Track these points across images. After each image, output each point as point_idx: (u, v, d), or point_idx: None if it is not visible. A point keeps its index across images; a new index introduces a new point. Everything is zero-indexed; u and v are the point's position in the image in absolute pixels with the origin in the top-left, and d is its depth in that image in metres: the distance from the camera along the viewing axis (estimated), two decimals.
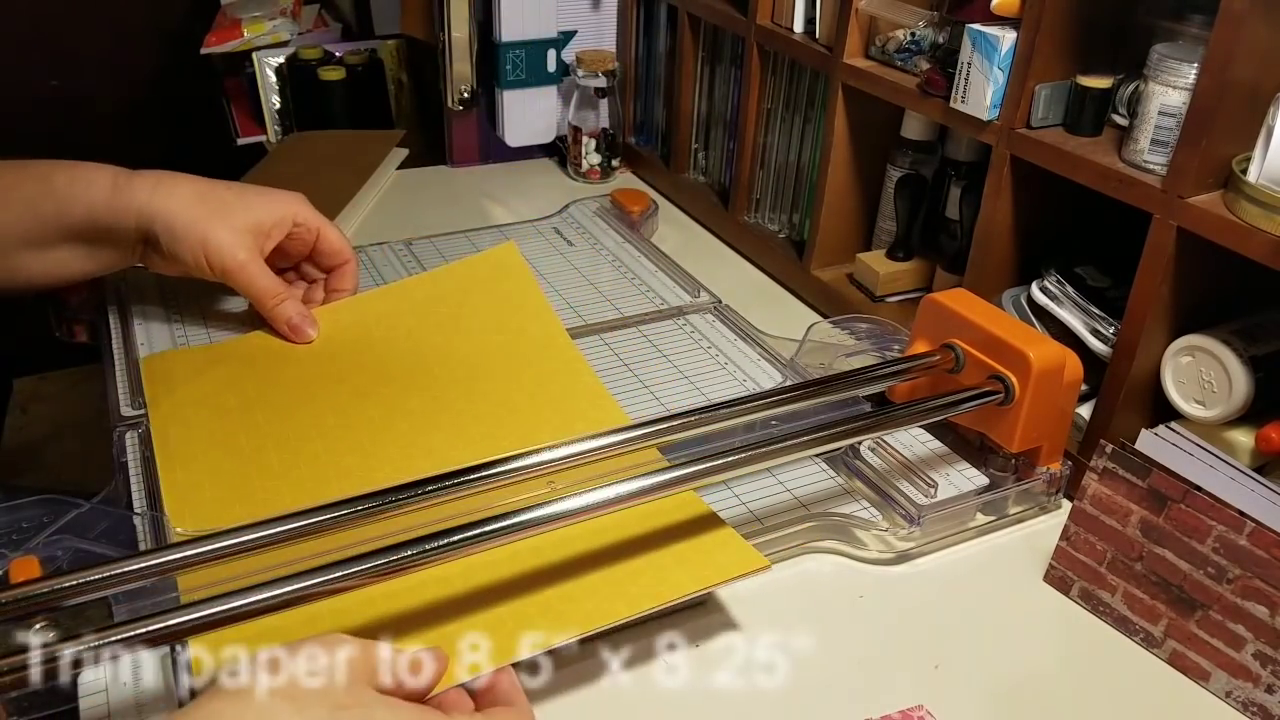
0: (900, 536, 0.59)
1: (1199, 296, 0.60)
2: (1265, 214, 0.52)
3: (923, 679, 0.52)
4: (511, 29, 1.04)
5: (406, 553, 0.44)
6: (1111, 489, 0.55)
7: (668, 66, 1.07)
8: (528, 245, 0.92)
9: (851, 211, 0.88)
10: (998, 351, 0.60)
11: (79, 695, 0.46)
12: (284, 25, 1.22)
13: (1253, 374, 0.57)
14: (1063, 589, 0.58)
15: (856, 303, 0.84)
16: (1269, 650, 0.49)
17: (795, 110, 0.91)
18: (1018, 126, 0.66)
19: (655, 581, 0.51)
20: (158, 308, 0.77)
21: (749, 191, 0.97)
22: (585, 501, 0.47)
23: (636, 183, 1.13)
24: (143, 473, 0.59)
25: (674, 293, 0.84)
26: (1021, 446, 0.61)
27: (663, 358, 0.75)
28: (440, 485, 0.50)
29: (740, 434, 0.64)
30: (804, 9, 0.84)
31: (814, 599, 0.56)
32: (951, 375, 0.63)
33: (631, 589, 0.50)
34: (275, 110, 1.23)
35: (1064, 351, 0.59)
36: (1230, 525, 0.50)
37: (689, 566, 0.52)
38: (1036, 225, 0.71)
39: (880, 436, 0.64)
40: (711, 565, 0.52)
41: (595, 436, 0.54)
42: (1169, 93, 0.58)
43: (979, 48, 0.66)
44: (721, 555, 0.53)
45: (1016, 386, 0.58)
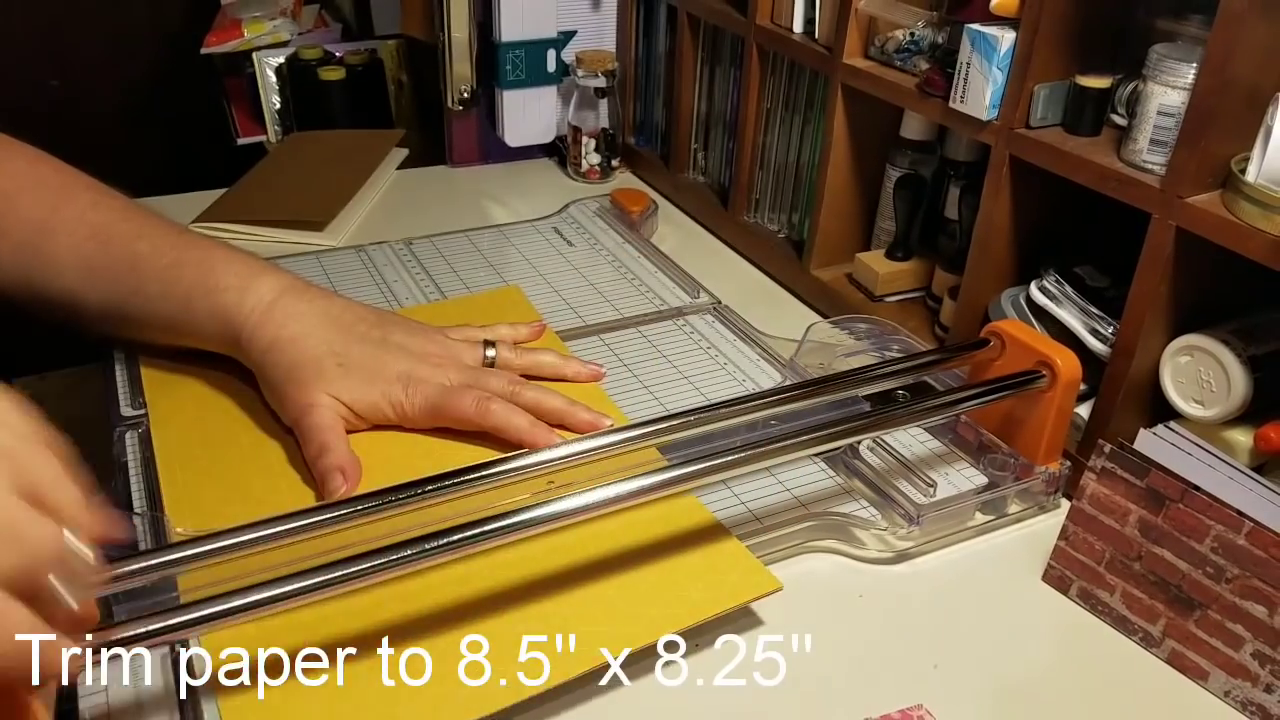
0: (899, 536, 0.59)
1: (1198, 296, 0.60)
2: (1264, 214, 0.52)
3: (922, 678, 0.52)
4: (511, 29, 1.04)
5: (406, 553, 0.44)
6: (1110, 489, 0.55)
7: (667, 66, 1.07)
8: (527, 245, 0.92)
9: (851, 211, 0.88)
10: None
11: (79, 695, 0.46)
12: (284, 25, 1.23)
13: (1251, 374, 0.57)
14: (1061, 588, 0.58)
15: (856, 303, 0.84)
16: (1268, 650, 0.50)
17: (795, 110, 0.91)
18: (1017, 126, 0.66)
19: (674, 600, 0.51)
20: None
21: (748, 191, 0.97)
22: (585, 501, 0.47)
23: (636, 183, 1.13)
24: (143, 473, 0.59)
25: (673, 293, 0.85)
26: (1046, 460, 0.62)
27: (662, 358, 0.75)
28: (440, 485, 0.50)
29: (740, 434, 0.64)
30: (804, 9, 0.84)
31: (813, 599, 0.56)
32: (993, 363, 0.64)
33: (651, 610, 0.51)
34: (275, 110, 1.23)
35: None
36: (1229, 525, 0.50)
37: (704, 587, 0.52)
38: (1035, 225, 0.71)
39: (879, 436, 0.64)
40: (725, 586, 0.52)
41: (595, 436, 0.54)
42: (1168, 93, 0.58)
43: (978, 48, 0.66)
44: (734, 574, 0.53)
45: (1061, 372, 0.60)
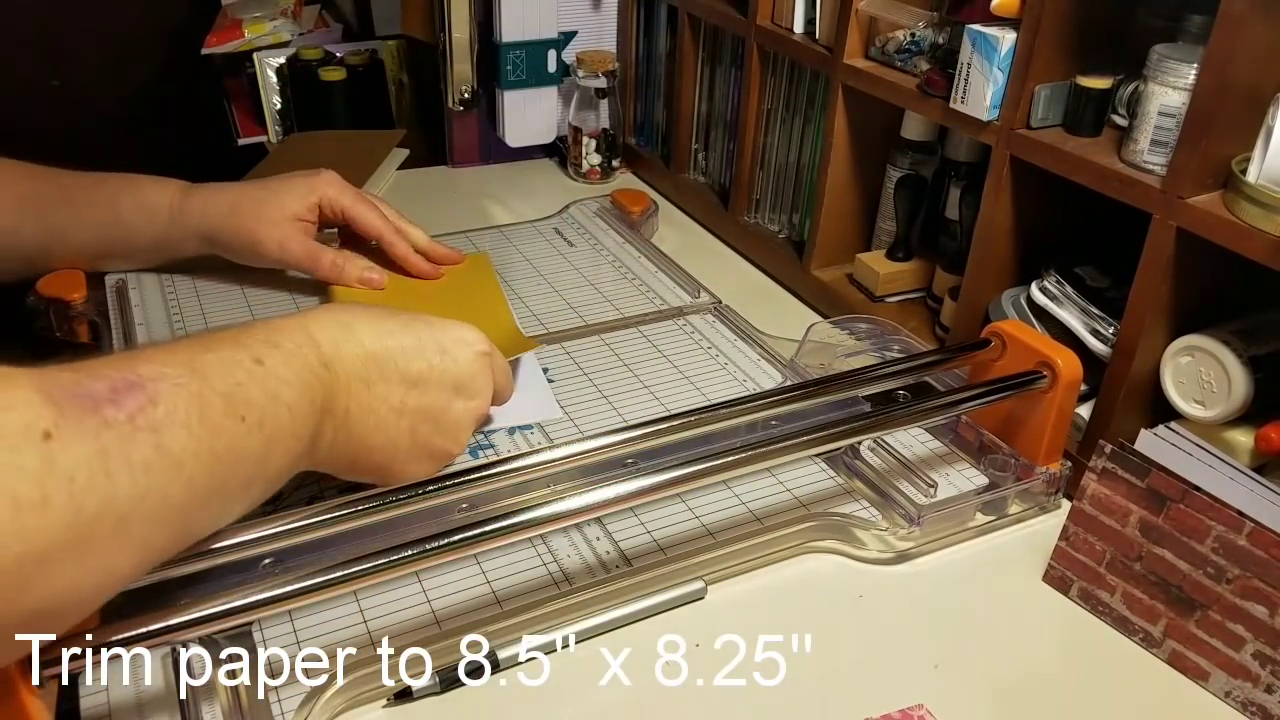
0: (900, 536, 0.59)
1: (1198, 296, 0.60)
2: (1265, 214, 0.52)
3: (922, 678, 0.52)
4: (512, 29, 1.04)
5: (407, 553, 0.44)
6: (1111, 489, 0.55)
7: (668, 67, 1.07)
8: (528, 245, 0.92)
9: (851, 212, 0.88)
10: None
11: (79, 695, 0.46)
12: (285, 26, 1.22)
13: (1252, 374, 0.57)
14: (1062, 589, 0.58)
15: (856, 303, 0.84)
16: (1268, 650, 0.50)
17: (795, 111, 0.91)
18: (1017, 127, 0.66)
19: None
20: (159, 307, 0.77)
21: (749, 192, 0.97)
22: (585, 501, 0.47)
23: (636, 183, 1.13)
24: None
25: (674, 293, 0.84)
26: (1047, 460, 0.62)
27: (663, 358, 0.75)
28: (440, 485, 0.50)
29: (741, 434, 0.64)
30: (804, 9, 0.84)
31: (814, 599, 0.56)
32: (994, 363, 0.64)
33: None
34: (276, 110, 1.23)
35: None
36: (1229, 525, 0.50)
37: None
38: (1036, 225, 0.71)
39: (880, 436, 0.64)
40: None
41: (595, 436, 0.54)
42: (1169, 93, 0.58)
43: (979, 48, 0.66)
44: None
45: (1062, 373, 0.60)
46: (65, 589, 0.35)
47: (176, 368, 0.40)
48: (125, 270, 0.80)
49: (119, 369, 0.38)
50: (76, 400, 0.35)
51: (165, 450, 0.38)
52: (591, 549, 0.56)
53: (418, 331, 0.55)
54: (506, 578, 0.54)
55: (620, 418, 0.68)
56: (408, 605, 0.52)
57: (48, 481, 0.33)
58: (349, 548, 0.50)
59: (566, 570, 0.55)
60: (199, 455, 0.39)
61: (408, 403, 0.53)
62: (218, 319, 0.76)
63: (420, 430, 0.54)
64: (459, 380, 0.56)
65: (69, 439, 0.34)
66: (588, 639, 0.52)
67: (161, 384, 0.39)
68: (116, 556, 0.37)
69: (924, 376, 0.68)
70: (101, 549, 0.36)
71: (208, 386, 0.40)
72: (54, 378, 0.36)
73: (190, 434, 0.39)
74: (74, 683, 0.46)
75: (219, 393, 0.41)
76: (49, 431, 0.34)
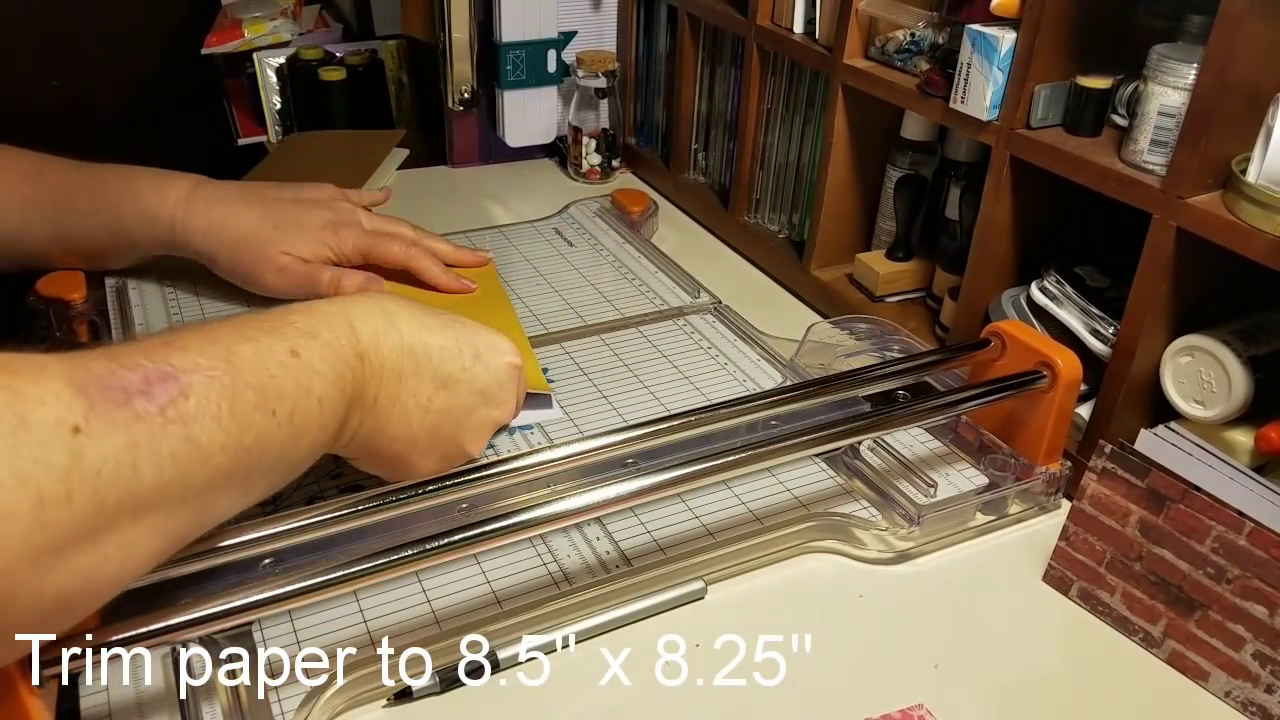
0: (900, 536, 0.59)
1: (1198, 297, 0.60)
2: (1265, 214, 0.52)
3: (922, 678, 0.52)
4: (512, 29, 1.04)
5: (407, 553, 0.44)
6: (1111, 489, 0.55)
7: (668, 67, 1.07)
8: (528, 245, 0.92)
9: (851, 212, 0.88)
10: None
11: (79, 695, 0.46)
12: (285, 26, 1.22)
13: (1252, 374, 0.57)
14: (1062, 589, 0.58)
15: (856, 303, 0.84)
16: (1268, 650, 0.50)
17: (795, 110, 0.91)
18: (1017, 127, 0.66)
19: None
20: (159, 307, 0.77)
21: (749, 192, 0.97)
22: (585, 501, 0.47)
23: (636, 183, 1.13)
24: None
25: (674, 293, 0.85)
26: (1047, 460, 0.62)
27: (663, 358, 0.75)
28: (440, 485, 0.50)
29: (740, 434, 0.64)
30: (804, 9, 0.84)
31: (814, 599, 0.56)
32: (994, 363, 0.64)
33: None
34: (276, 110, 1.23)
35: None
36: (1229, 525, 0.50)
37: None
38: (1036, 225, 0.71)
39: (880, 436, 0.64)
40: None
41: (595, 436, 0.54)
42: (1168, 93, 0.58)
43: (979, 48, 0.66)
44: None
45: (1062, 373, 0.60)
46: (85, 578, 0.35)
47: (211, 359, 0.40)
48: (126, 269, 0.80)
49: (153, 358, 0.38)
50: (109, 394, 0.35)
51: (194, 442, 0.37)
52: (591, 549, 0.56)
53: (455, 332, 0.55)
54: (506, 578, 0.54)
55: (620, 418, 0.68)
56: (408, 605, 0.52)
57: (73, 476, 0.33)
58: (349, 548, 0.50)
59: (566, 570, 0.55)
60: (226, 448, 0.39)
61: (435, 401, 0.53)
62: (218, 317, 0.76)
63: (442, 430, 0.54)
64: (488, 387, 0.56)
65: (98, 432, 0.34)
66: (588, 639, 0.52)
67: (195, 375, 0.39)
68: (136, 545, 0.37)
69: (924, 376, 0.68)
70: (122, 538, 0.36)
71: (241, 379, 0.40)
72: (87, 368, 0.36)
73: (220, 426, 0.39)
74: (74, 683, 0.46)
75: (252, 386, 0.41)
76: (78, 426, 0.34)
